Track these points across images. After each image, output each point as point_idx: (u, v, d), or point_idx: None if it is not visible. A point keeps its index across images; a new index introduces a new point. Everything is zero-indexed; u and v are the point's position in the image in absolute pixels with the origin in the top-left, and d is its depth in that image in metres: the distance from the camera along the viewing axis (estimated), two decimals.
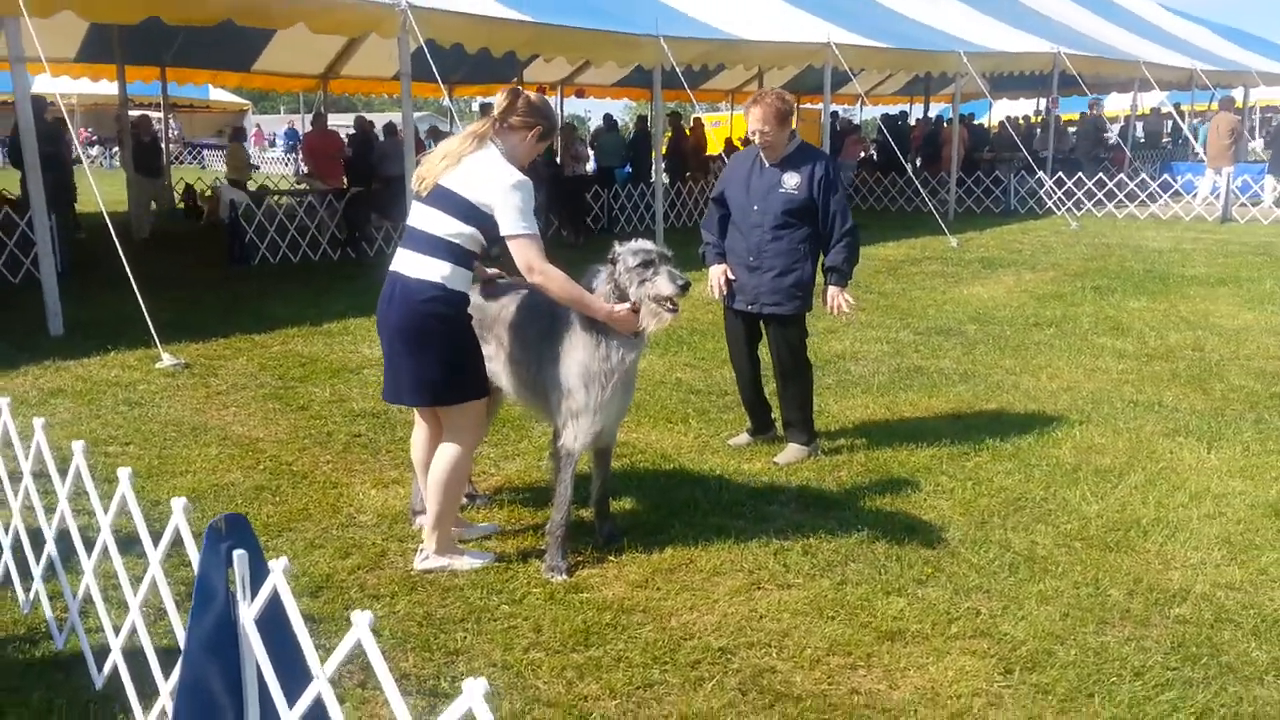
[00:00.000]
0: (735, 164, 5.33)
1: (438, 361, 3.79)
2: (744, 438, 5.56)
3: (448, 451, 3.93)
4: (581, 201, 15.66)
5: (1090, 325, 8.54)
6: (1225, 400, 6.30)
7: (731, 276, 5.22)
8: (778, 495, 4.80)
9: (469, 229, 3.74)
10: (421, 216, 3.81)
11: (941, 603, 3.70)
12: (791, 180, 5.02)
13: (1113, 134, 23.14)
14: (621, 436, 5.55)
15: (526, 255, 3.72)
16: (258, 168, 25.92)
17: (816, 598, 3.75)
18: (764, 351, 5.43)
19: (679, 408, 6.25)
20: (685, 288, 3.81)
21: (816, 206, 5.04)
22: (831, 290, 5.18)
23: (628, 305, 3.84)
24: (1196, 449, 5.38)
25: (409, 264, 3.79)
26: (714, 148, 21.25)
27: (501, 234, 3.75)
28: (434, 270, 3.73)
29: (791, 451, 5.26)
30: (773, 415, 5.57)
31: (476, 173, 3.74)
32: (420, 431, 4.17)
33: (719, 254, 5.31)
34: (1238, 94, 22.97)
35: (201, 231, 15.73)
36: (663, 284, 3.80)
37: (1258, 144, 27.75)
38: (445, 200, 3.74)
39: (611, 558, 4.10)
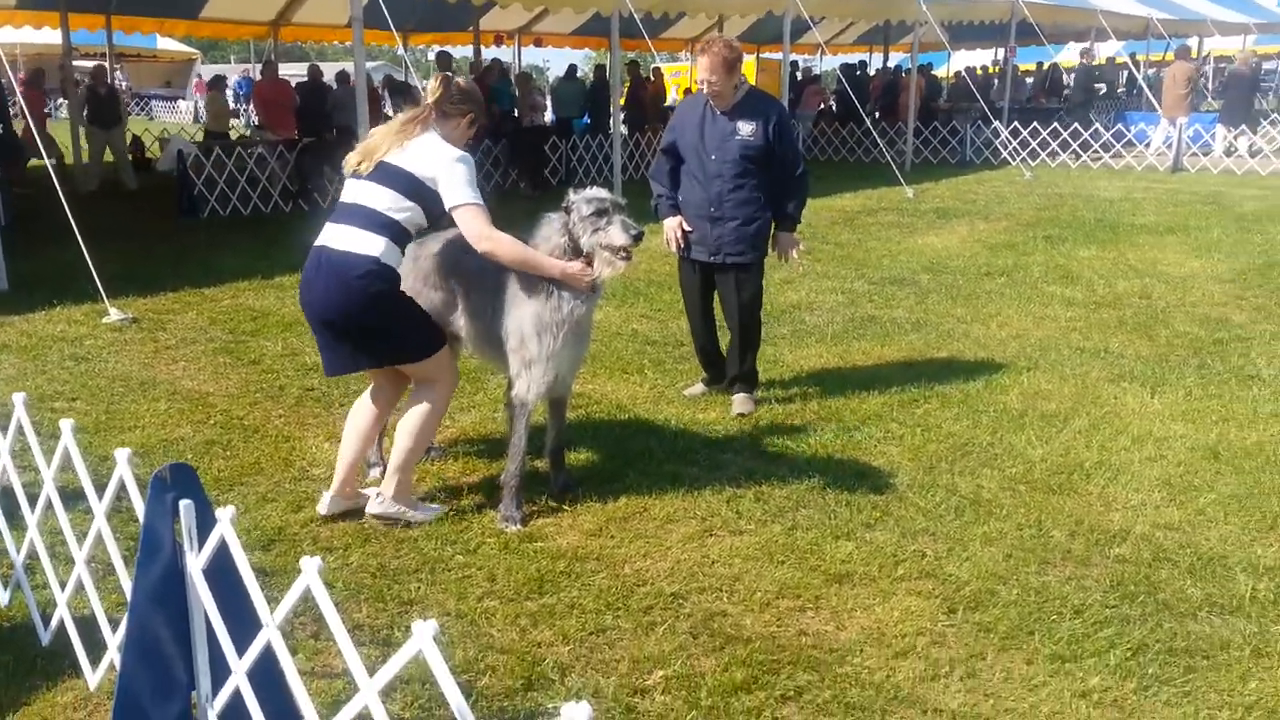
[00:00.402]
0: (684, 114, 5.23)
1: (389, 328, 3.76)
2: (699, 388, 5.58)
3: (424, 401, 3.92)
4: (540, 153, 15.49)
5: (1041, 274, 8.65)
6: (1170, 346, 6.43)
7: (687, 228, 5.19)
8: (731, 443, 4.84)
9: (411, 205, 3.70)
10: (360, 192, 3.75)
11: (889, 546, 3.78)
12: (747, 128, 4.98)
13: (1106, 84, 23.16)
14: (577, 387, 5.56)
15: (474, 224, 3.71)
16: (238, 115, 25.33)
17: (767, 543, 3.82)
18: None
19: (635, 358, 6.27)
20: (638, 237, 3.81)
21: (773, 153, 5.02)
22: (785, 237, 5.22)
23: (579, 263, 3.83)
24: (1140, 394, 5.50)
25: (340, 238, 3.70)
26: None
27: (447, 206, 3.72)
28: (370, 245, 3.66)
29: (747, 401, 5.30)
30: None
31: (420, 152, 3.73)
32: (378, 395, 4.07)
33: (672, 205, 5.25)
34: (1192, 43, 23.11)
35: (152, 184, 15.37)
36: (616, 233, 3.80)
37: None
38: (390, 176, 3.71)
39: (566, 507, 4.13)
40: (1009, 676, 2.99)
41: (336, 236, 3.72)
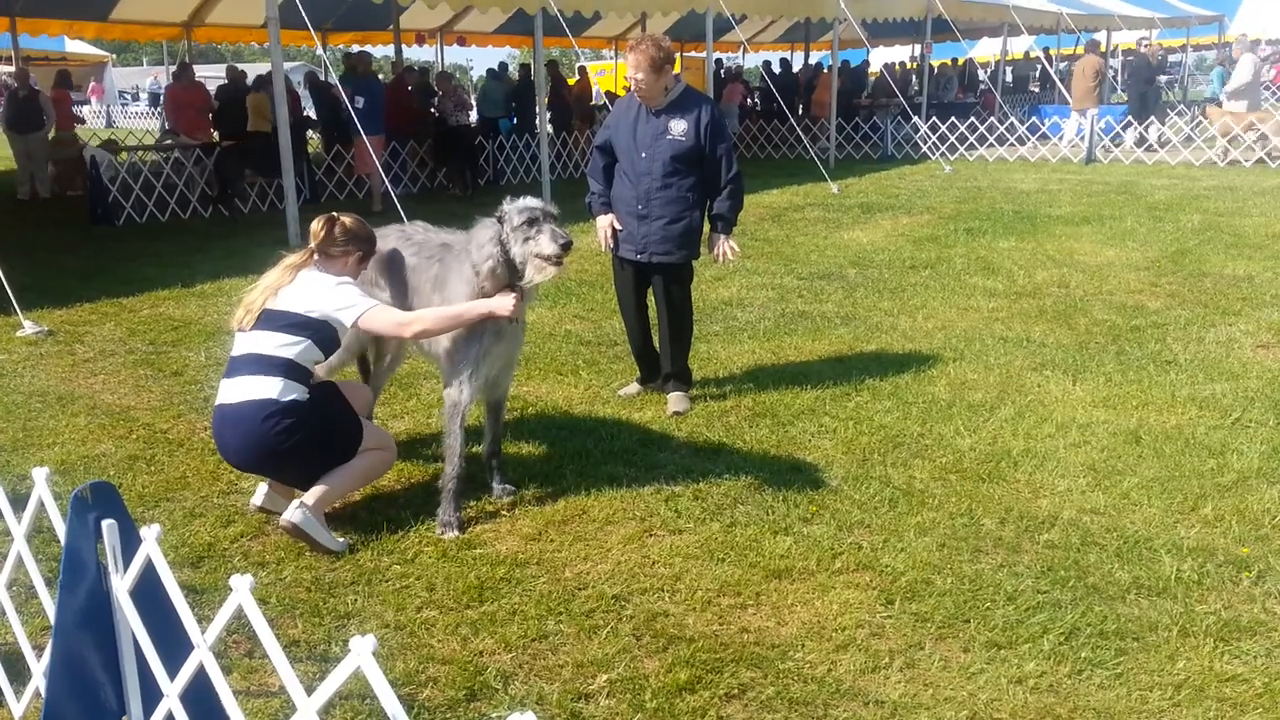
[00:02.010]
0: (619, 111, 5.22)
1: (315, 449, 3.73)
2: (634, 388, 5.58)
3: (371, 455, 3.93)
4: (468, 152, 15.32)
5: (963, 266, 8.83)
6: (1089, 334, 6.61)
7: (619, 226, 5.18)
8: (668, 442, 4.85)
9: (301, 340, 3.66)
10: (247, 343, 3.72)
11: (826, 539, 3.82)
12: (679, 127, 4.96)
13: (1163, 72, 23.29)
14: (512, 390, 5.51)
15: (388, 321, 3.74)
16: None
17: (707, 541, 3.83)
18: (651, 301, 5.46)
19: (569, 359, 6.24)
20: (567, 246, 3.85)
21: (704, 153, 5.00)
22: (718, 238, 5.21)
23: (500, 298, 3.83)
24: (1062, 381, 5.64)
25: (235, 391, 3.66)
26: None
27: (349, 325, 3.70)
28: (266, 388, 3.62)
29: (682, 399, 5.31)
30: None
31: (300, 291, 3.72)
32: (354, 393, 4.14)
33: (605, 204, 5.24)
34: (1100, 37, 23.78)
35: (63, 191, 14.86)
36: (545, 242, 3.83)
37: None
38: (272, 320, 3.68)
39: (505, 512, 4.10)
40: (947, 665, 3.05)
41: (231, 390, 3.69)
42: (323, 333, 3.72)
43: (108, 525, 2.18)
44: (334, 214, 3.90)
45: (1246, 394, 5.34)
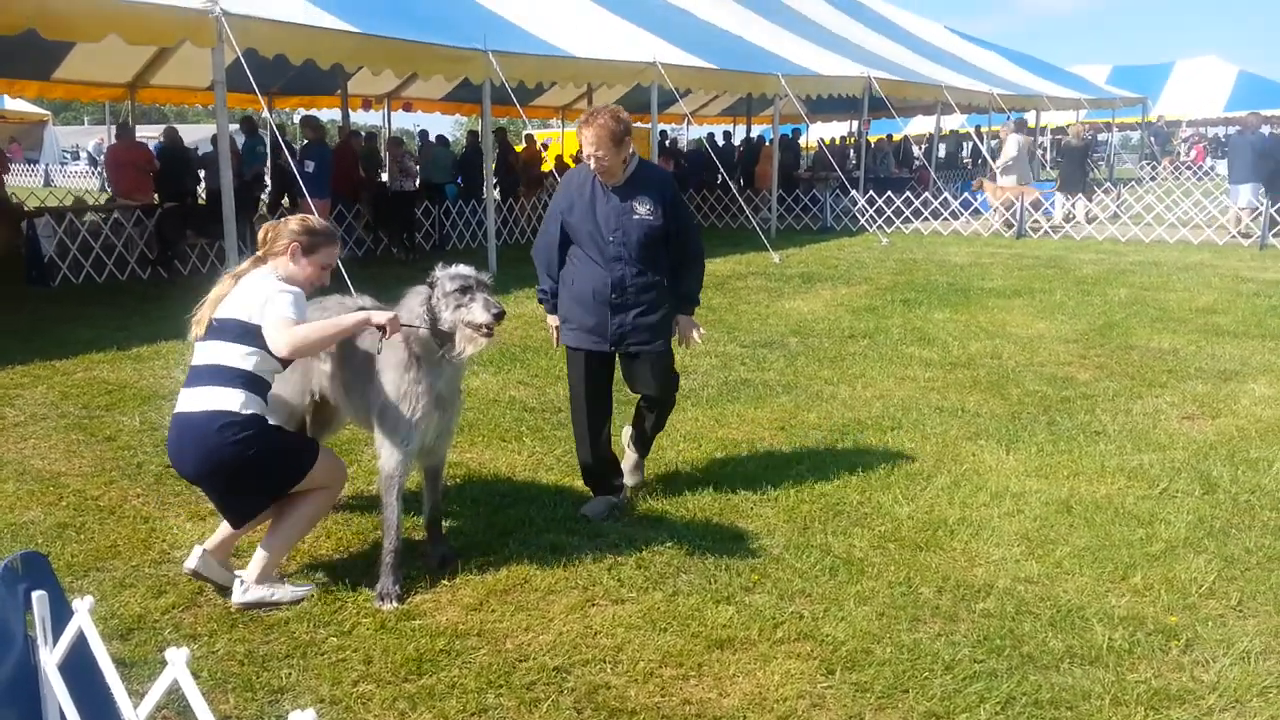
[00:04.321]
0: (569, 189, 4.72)
1: (260, 473, 3.69)
2: (600, 505, 4.83)
3: (315, 497, 3.88)
4: (409, 217, 15.38)
5: (900, 336, 9.02)
6: (1021, 404, 6.78)
7: (569, 319, 4.73)
8: (612, 510, 4.85)
9: (254, 350, 3.64)
10: (204, 352, 3.71)
11: (768, 608, 3.84)
12: (644, 207, 4.57)
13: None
14: (454, 457, 5.50)
15: (276, 337, 3.59)
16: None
17: (650, 610, 3.83)
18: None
19: (513, 426, 6.23)
20: (500, 316, 3.85)
21: (669, 231, 4.65)
22: (683, 320, 4.90)
23: (382, 311, 3.84)
24: (996, 451, 5.77)
25: (193, 400, 3.65)
26: (546, 165, 21.32)
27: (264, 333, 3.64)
28: (224, 399, 3.61)
29: (636, 471, 5.12)
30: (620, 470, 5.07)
31: (244, 295, 3.71)
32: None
33: (555, 305, 4.83)
34: (1029, 116, 24.75)
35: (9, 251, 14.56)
36: (478, 311, 3.82)
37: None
38: (223, 330, 3.68)
39: (445, 581, 4.06)
40: None
41: (190, 399, 3.67)
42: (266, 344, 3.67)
43: (38, 597, 2.14)
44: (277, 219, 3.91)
45: (1173, 464, 5.50)
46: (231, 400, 3.60)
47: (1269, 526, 4.66)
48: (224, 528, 3.93)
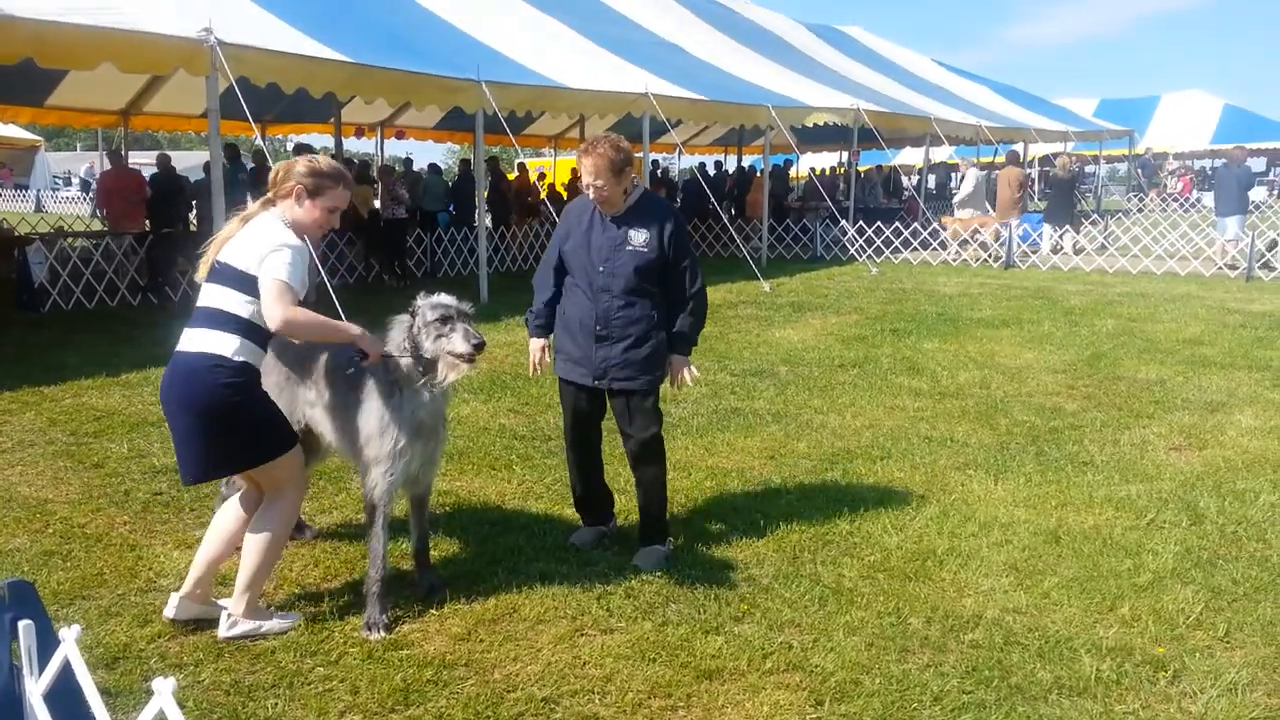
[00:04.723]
0: (570, 218, 4.65)
1: (237, 427, 3.66)
2: (587, 534, 4.86)
3: (271, 510, 3.82)
4: (401, 245, 15.44)
5: (889, 365, 9.06)
6: (1009, 434, 6.81)
7: (552, 351, 4.69)
8: (601, 539, 4.84)
9: (251, 299, 3.63)
10: (207, 295, 3.72)
11: (757, 639, 3.84)
12: (639, 237, 4.43)
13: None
14: (444, 485, 5.50)
15: (273, 304, 3.55)
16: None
17: (638, 640, 3.82)
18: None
19: (502, 454, 6.23)
20: (480, 346, 3.86)
21: (667, 265, 4.49)
22: (676, 359, 4.62)
23: (373, 339, 3.86)
24: (985, 481, 5.78)
25: (192, 340, 3.67)
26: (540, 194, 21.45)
27: (259, 281, 3.60)
28: (221, 343, 3.61)
29: (654, 555, 4.58)
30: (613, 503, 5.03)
31: (246, 243, 3.69)
32: (248, 500, 3.93)
33: (540, 326, 4.70)
34: (1018, 148, 25.00)
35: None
36: (457, 341, 3.85)
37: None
38: (223, 275, 3.67)
39: (433, 610, 4.05)
40: None
41: (189, 339, 3.68)
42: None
43: (24, 625, 2.13)
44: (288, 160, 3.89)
45: (1160, 495, 5.53)
46: (226, 345, 3.60)
47: (1255, 557, 4.68)
48: (196, 566, 3.88)
